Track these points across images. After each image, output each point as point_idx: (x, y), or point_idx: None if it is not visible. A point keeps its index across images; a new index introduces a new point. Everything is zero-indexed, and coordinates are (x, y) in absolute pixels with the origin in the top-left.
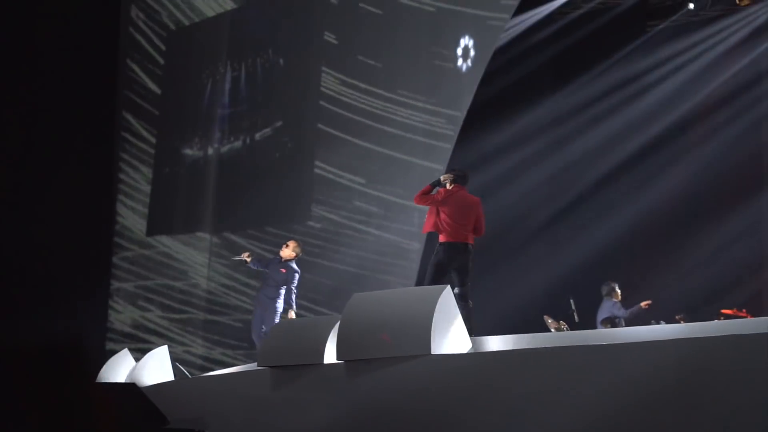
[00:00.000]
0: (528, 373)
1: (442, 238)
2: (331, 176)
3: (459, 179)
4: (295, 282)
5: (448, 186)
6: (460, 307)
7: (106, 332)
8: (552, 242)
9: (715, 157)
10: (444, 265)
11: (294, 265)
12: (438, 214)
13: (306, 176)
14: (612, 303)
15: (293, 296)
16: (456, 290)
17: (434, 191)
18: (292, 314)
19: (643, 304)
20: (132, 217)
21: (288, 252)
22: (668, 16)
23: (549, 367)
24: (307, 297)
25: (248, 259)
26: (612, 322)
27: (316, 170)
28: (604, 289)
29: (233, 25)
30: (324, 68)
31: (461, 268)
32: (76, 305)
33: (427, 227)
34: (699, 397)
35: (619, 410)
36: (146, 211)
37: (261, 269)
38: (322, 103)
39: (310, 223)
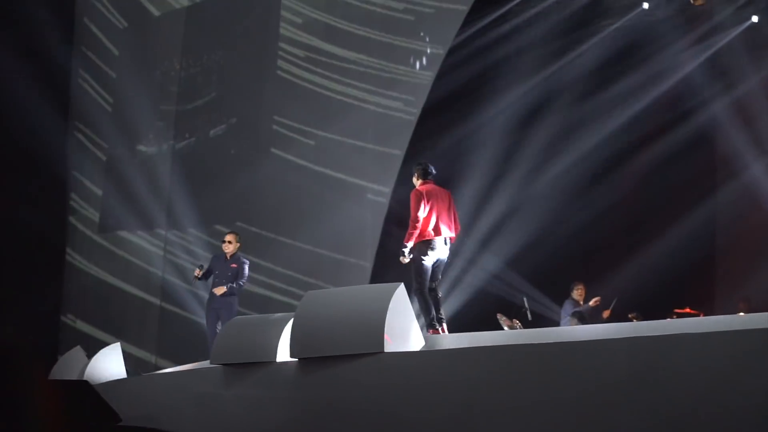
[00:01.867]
0: (480, 371)
1: (430, 236)
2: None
3: (424, 173)
4: (246, 273)
5: (416, 182)
6: (432, 299)
7: (58, 331)
8: (506, 240)
9: (667, 158)
10: (433, 261)
11: (242, 257)
12: (424, 212)
13: (262, 170)
14: (573, 302)
15: (241, 288)
16: (433, 284)
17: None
18: (222, 289)
19: (591, 302)
20: (85, 214)
21: (233, 247)
22: (623, 15)
23: (501, 365)
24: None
25: (198, 274)
26: (580, 316)
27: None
28: (571, 287)
29: (188, 21)
30: (280, 61)
31: (442, 264)
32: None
33: (425, 227)
34: (651, 394)
35: (572, 407)
36: (99, 208)
37: (210, 274)
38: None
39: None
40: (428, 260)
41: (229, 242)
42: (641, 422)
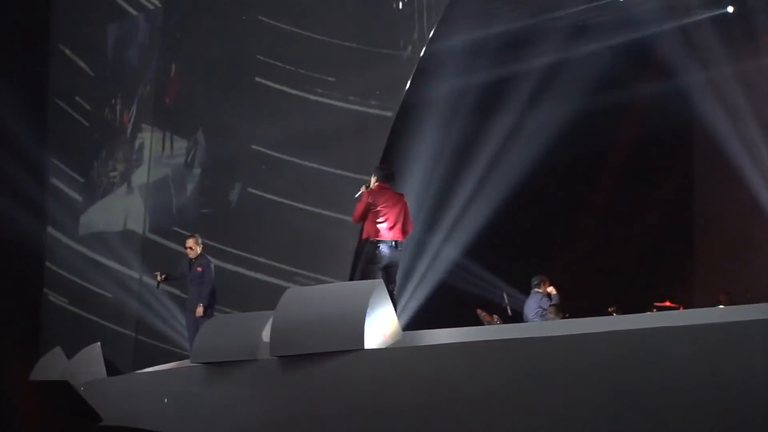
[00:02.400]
0: (461, 367)
1: (377, 238)
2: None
3: (385, 177)
4: (212, 274)
5: (372, 185)
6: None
7: (39, 331)
8: (485, 235)
9: (645, 151)
10: (381, 265)
11: (207, 259)
12: (372, 215)
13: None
14: (540, 296)
15: (208, 290)
16: (391, 287)
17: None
18: (200, 310)
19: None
20: (65, 220)
21: (195, 251)
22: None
23: (482, 360)
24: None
25: (160, 278)
26: (541, 314)
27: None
28: (534, 281)
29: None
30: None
31: (395, 267)
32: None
33: (368, 231)
34: (633, 387)
35: (553, 401)
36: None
37: (180, 279)
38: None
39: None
40: (376, 262)
41: (191, 248)
42: (623, 415)
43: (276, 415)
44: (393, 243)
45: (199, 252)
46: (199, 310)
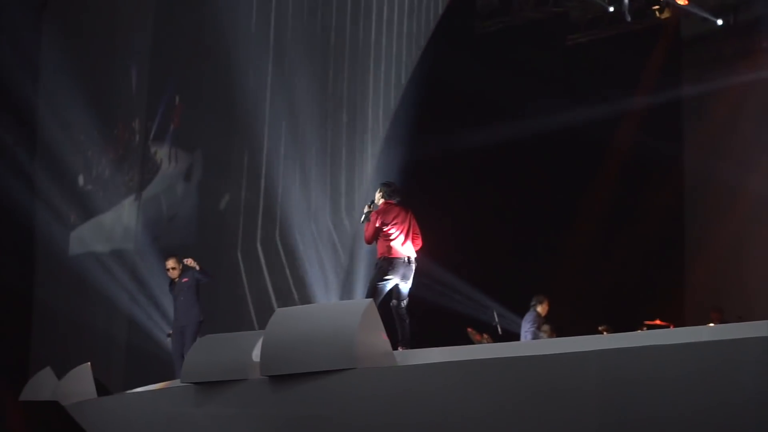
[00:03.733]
0: (452, 385)
1: (390, 254)
2: None
3: (390, 194)
4: (200, 271)
5: (377, 202)
6: (403, 318)
7: (29, 351)
8: (473, 254)
9: (634, 169)
10: (393, 281)
11: (185, 269)
12: (382, 234)
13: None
14: (534, 315)
15: (207, 271)
16: (403, 303)
17: (368, 213)
18: (191, 261)
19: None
20: (55, 236)
21: (178, 270)
22: (589, 29)
23: (473, 379)
24: None
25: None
26: (534, 333)
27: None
28: (533, 300)
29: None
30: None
31: (407, 282)
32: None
33: (381, 250)
34: (622, 406)
35: (542, 421)
36: (68, 231)
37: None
38: None
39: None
40: (387, 280)
41: (173, 268)
42: None
43: None
44: (406, 259)
45: (179, 272)
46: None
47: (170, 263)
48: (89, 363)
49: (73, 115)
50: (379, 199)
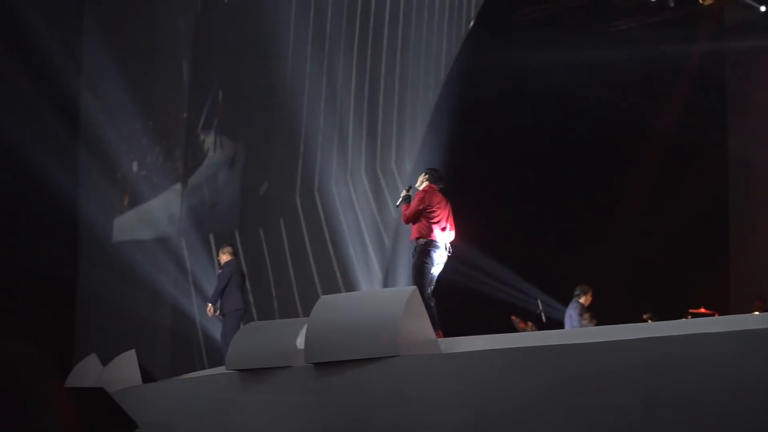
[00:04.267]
0: (496, 373)
1: (431, 237)
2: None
3: (437, 179)
4: (220, 276)
5: (421, 185)
6: (429, 302)
7: (73, 337)
8: (520, 242)
9: (678, 157)
10: (434, 265)
11: (226, 265)
12: (425, 216)
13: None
14: (577, 305)
15: (218, 291)
16: (430, 288)
17: (407, 197)
18: (208, 309)
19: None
20: (99, 223)
21: (223, 259)
22: (632, 16)
23: (516, 367)
24: None
25: (212, 312)
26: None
27: None
28: (576, 290)
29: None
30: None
31: (440, 267)
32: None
33: (421, 231)
34: (666, 394)
35: (586, 409)
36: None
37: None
38: None
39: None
40: (431, 262)
41: (218, 254)
42: (656, 423)
43: (311, 422)
44: (444, 245)
45: (227, 259)
46: (209, 309)
47: (221, 249)
48: (134, 350)
49: (118, 103)
50: (422, 182)
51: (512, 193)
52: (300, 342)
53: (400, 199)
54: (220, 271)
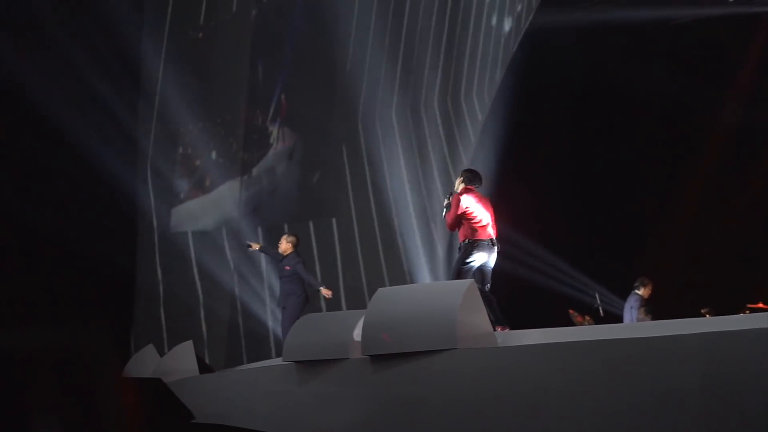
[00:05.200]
0: (553, 367)
1: (474, 237)
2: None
3: (471, 179)
4: (302, 267)
5: (458, 188)
6: (490, 299)
7: (130, 328)
8: (578, 235)
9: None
10: (477, 264)
11: (293, 256)
12: (465, 219)
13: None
14: (636, 297)
15: (312, 277)
16: (487, 286)
17: (448, 204)
18: (324, 291)
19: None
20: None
21: (284, 246)
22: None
23: (574, 360)
24: None
25: (256, 247)
26: (651, 309)
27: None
28: (636, 282)
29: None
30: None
31: (490, 265)
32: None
33: (465, 234)
34: (725, 390)
35: (645, 403)
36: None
37: (270, 258)
38: None
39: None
40: (472, 262)
41: (281, 244)
42: (715, 418)
43: (368, 414)
44: (489, 241)
45: (288, 249)
46: (324, 291)
47: (282, 238)
48: (191, 341)
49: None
50: (458, 185)
51: (571, 187)
52: (357, 334)
53: (444, 210)
54: (288, 267)
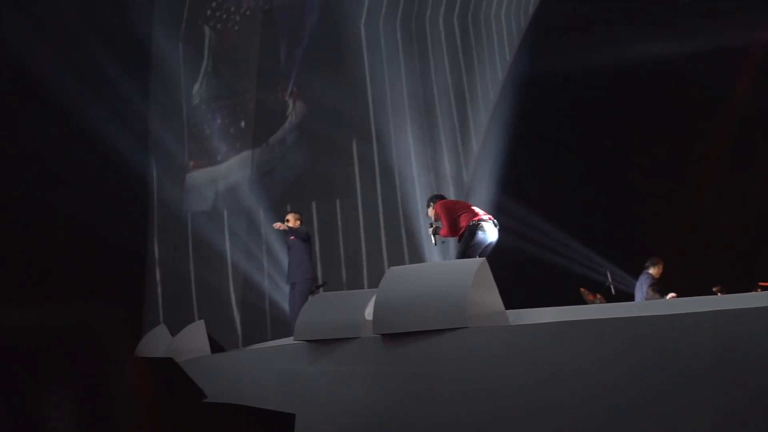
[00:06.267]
0: (565, 345)
1: (478, 217)
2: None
3: (439, 197)
4: (304, 235)
5: (431, 214)
6: None
7: (141, 306)
8: (590, 214)
9: (749, 131)
10: (483, 244)
11: (299, 230)
12: (458, 212)
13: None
14: (647, 276)
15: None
16: None
17: (437, 226)
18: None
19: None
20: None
21: (296, 223)
22: None
23: (585, 339)
24: None
25: (280, 227)
26: (660, 288)
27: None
28: (648, 262)
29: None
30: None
31: (492, 246)
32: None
33: (466, 223)
34: (737, 368)
35: (656, 382)
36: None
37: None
38: None
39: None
40: (478, 242)
41: (288, 220)
42: (726, 396)
43: (379, 392)
44: (491, 222)
45: (295, 225)
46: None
47: (288, 216)
48: (203, 320)
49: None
50: (432, 210)
51: (584, 166)
52: (368, 313)
53: (434, 238)
54: (293, 237)
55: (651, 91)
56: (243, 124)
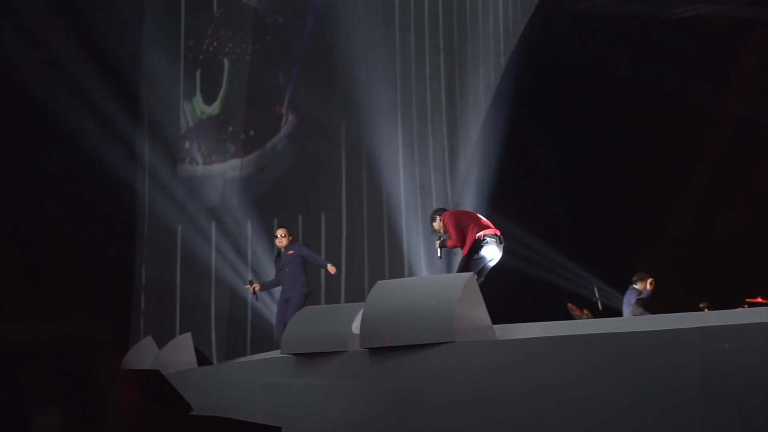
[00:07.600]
0: (552, 361)
1: (482, 234)
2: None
3: (442, 210)
4: (306, 249)
5: (438, 226)
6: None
7: (128, 319)
8: (577, 229)
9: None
10: (486, 260)
11: (294, 242)
12: (464, 223)
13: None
14: (635, 291)
15: (317, 258)
16: (480, 280)
17: (444, 239)
18: (330, 267)
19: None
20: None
21: (284, 241)
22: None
23: (572, 354)
24: None
25: (254, 289)
26: (644, 303)
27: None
28: (635, 277)
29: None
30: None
31: (495, 261)
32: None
33: (472, 238)
34: (724, 384)
35: (642, 397)
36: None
37: (275, 283)
38: None
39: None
40: (481, 258)
41: (282, 236)
42: (714, 412)
43: (366, 406)
44: (498, 238)
45: (287, 242)
46: (331, 268)
47: (279, 232)
48: (189, 333)
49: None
50: (438, 222)
51: (571, 180)
52: (356, 327)
53: (439, 251)
54: (291, 252)
55: (642, 106)
56: (232, 134)
